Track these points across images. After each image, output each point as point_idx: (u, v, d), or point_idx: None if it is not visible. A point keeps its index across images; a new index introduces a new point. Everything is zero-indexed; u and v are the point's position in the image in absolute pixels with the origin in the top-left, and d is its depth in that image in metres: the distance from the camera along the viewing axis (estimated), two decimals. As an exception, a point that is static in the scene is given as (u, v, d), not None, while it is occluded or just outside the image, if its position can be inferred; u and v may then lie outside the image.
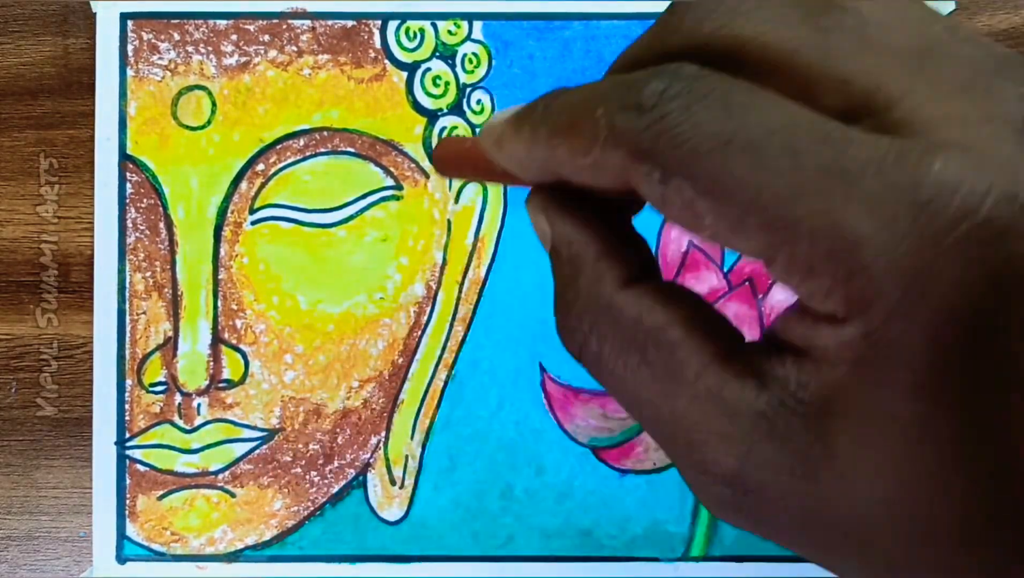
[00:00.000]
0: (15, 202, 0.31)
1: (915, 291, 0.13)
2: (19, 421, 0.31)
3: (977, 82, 0.14)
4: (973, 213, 0.13)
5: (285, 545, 0.30)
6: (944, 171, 0.13)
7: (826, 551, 0.17)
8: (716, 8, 0.16)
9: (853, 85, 0.15)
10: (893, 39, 0.15)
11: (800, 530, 0.16)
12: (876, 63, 0.14)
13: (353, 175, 0.30)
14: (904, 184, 0.13)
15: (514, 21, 0.31)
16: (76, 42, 0.31)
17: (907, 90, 0.14)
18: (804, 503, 0.16)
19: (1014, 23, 0.31)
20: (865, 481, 0.15)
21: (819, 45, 0.15)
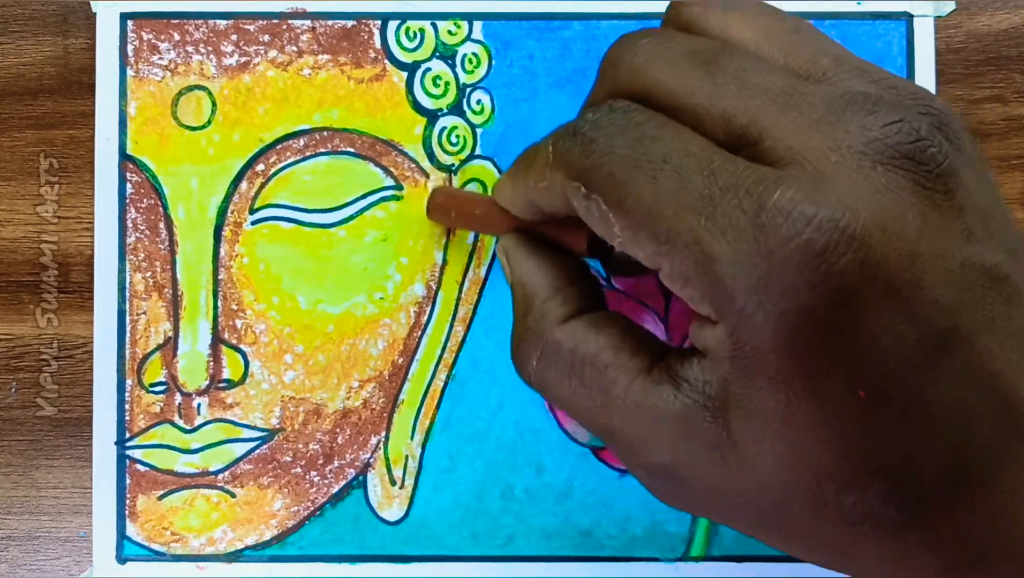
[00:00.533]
0: (15, 202, 0.31)
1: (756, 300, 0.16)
2: (19, 421, 0.31)
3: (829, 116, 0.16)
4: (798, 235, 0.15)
5: (285, 545, 0.30)
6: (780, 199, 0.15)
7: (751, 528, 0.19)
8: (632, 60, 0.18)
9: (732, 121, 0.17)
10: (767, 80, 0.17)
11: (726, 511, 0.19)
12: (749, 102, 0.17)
13: (353, 175, 0.30)
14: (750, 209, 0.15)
15: (514, 21, 0.31)
16: (76, 42, 0.31)
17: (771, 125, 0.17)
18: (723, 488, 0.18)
19: (1014, 23, 0.31)
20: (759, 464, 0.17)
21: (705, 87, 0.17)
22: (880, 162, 0.16)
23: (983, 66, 0.31)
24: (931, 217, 0.16)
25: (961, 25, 0.31)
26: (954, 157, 0.16)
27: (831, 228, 0.15)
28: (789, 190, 0.15)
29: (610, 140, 0.17)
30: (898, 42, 0.31)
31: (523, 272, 0.21)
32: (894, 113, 0.16)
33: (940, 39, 0.31)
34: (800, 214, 0.15)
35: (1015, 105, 0.31)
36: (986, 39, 0.31)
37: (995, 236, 0.17)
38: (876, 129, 0.16)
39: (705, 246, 0.16)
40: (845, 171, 0.16)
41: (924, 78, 0.31)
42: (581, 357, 0.19)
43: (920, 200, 0.16)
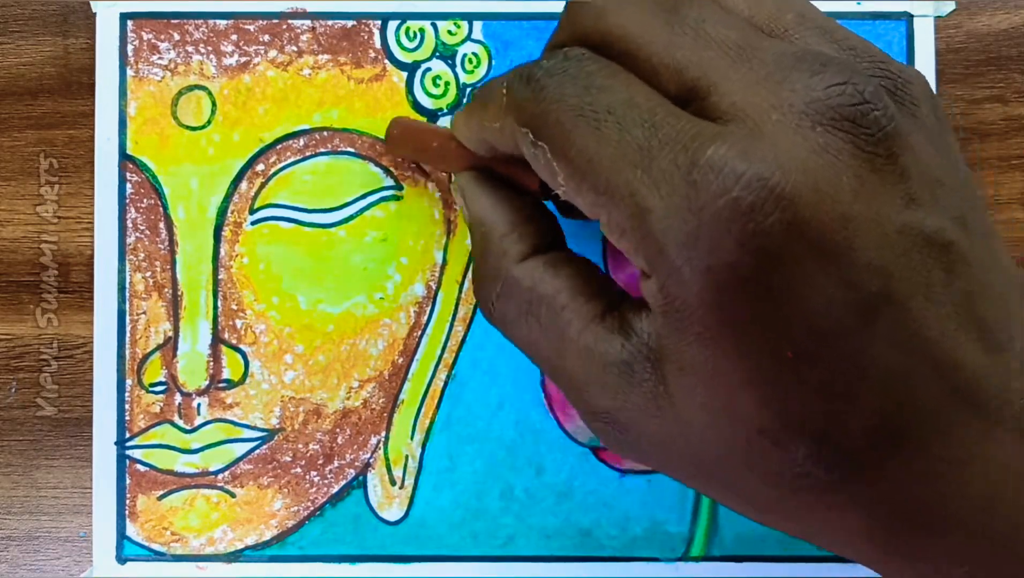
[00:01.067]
0: (15, 202, 0.31)
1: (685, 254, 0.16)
2: (19, 421, 0.31)
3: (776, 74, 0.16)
4: (727, 192, 0.15)
5: (285, 545, 0.30)
6: (713, 155, 0.15)
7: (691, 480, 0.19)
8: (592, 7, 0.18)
9: (684, 73, 0.17)
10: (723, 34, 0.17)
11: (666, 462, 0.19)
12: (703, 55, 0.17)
13: (353, 175, 0.30)
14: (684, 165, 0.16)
15: (514, 21, 0.31)
16: (76, 42, 0.31)
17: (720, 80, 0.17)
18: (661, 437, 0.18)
19: (1014, 23, 0.31)
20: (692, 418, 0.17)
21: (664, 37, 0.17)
22: (820, 123, 0.16)
23: (983, 66, 0.31)
24: (869, 181, 0.16)
25: (961, 25, 0.31)
26: (902, 121, 0.16)
27: (759, 187, 0.15)
28: (723, 147, 0.15)
29: (560, 88, 0.17)
30: (898, 42, 0.31)
31: (479, 209, 0.21)
32: (840, 75, 0.16)
33: (940, 39, 0.31)
34: (730, 171, 0.15)
35: (1015, 105, 0.31)
36: (986, 39, 0.31)
37: (942, 202, 0.16)
38: (820, 90, 0.16)
39: (640, 199, 0.16)
40: (784, 130, 0.16)
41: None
42: (539, 297, 0.19)
43: (859, 163, 0.16)
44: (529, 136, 0.18)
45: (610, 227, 0.17)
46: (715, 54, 0.17)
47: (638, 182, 0.16)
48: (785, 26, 0.18)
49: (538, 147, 0.18)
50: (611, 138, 0.17)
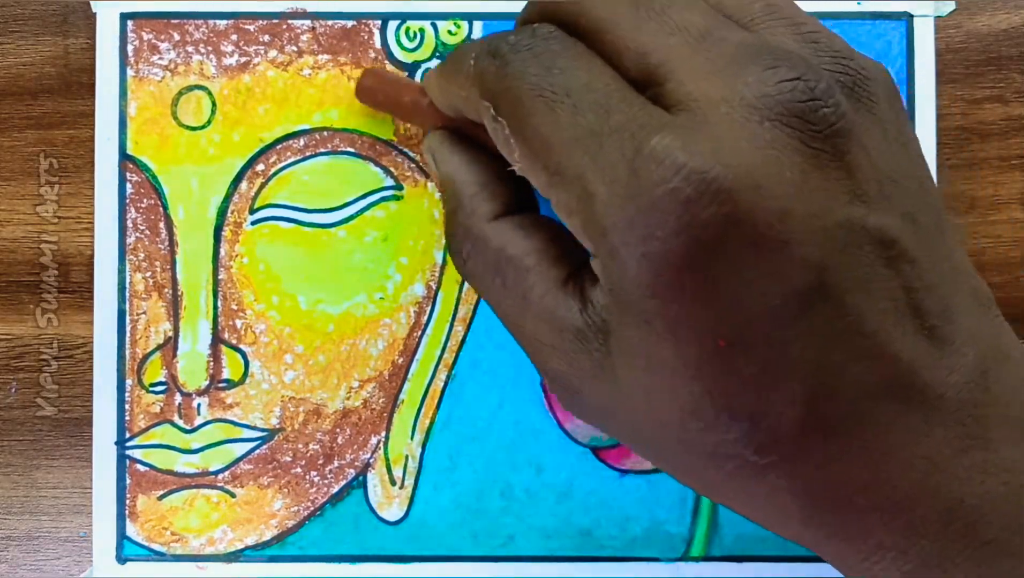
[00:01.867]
0: (15, 202, 0.31)
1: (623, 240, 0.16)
2: (19, 421, 0.31)
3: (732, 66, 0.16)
4: (666, 183, 0.15)
5: (285, 545, 0.30)
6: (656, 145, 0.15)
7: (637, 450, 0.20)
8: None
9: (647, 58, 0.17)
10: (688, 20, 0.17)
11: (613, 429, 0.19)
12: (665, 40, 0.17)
13: (353, 175, 0.30)
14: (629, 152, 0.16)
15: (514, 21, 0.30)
16: (76, 42, 0.31)
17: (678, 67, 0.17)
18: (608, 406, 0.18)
19: (1014, 23, 0.31)
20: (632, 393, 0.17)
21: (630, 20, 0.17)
22: (768, 118, 0.16)
23: (983, 66, 0.31)
24: (812, 176, 0.16)
25: (961, 25, 0.31)
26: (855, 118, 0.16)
27: (698, 179, 0.15)
28: (667, 137, 0.16)
29: (523, 66, 0.18)
30: (898, 42, 0.31)
31: (450, 168, 0.22)
32: (794, 70, 0.16)
33: (940, 39, 0.31)
34: (671, 162, 0.15)
35: (1015, 105, 0.31)
36: (986, 39, 0.31)
37: (891, 200, 0.17)
38: (771, 84, 0.16)
39: (586, 183, 0.16)
40: (731, 123, 0.16)
41: (924, 78, 0.31)
42: (506, 257, 0.20)
43: (803, 159, 0.16)
44: (490, 110, 0.18)
45: (559, 207, 0.18)
46: (677, 41, 0.17)
47: (586, 166, 0.16)
48: (752, 15, 0.18)
49: (498, 122, 0.18)
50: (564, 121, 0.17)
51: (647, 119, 0.16)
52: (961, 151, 0.31)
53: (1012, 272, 0.31)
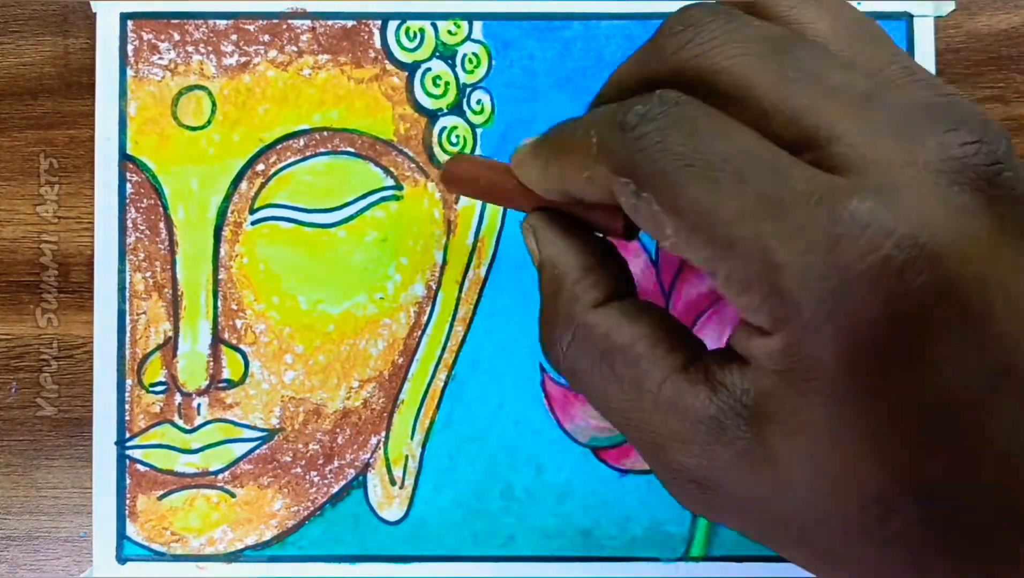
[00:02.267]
0: (15, 202, 0.31)
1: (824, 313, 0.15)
2: (19, 421, 0.31)
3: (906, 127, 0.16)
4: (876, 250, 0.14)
5: (285, 545, 0.30)
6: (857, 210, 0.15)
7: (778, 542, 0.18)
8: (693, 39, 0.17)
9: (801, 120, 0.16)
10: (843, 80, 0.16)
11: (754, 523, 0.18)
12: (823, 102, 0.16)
13: (353, 175, 0.30)
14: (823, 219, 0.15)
15: (514, 21, 0.31)
16: (76, 42, 0.31)
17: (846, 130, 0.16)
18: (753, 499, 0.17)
19: (1014, 23, 0.31)
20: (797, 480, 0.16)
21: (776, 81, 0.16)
22: (956, 181, 0.15)
23: (983, 66, 0.31)
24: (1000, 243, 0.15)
25: (961, 25, 0.31)
26: None
27: (910, 245, 0.14)
28: (866, 201, 0.15)
29: (663, 135, 0.16)
30: (898, 42, 0.31)
31: (552, 252, 0.20)
32: (974, 132, 0.16)
33: (940, 39, 0.31)
34: (880, 228, 0.14)
35: (1015, 105, 0.31)
36: (986, 39, 0.31)
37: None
38: (955, 147, 0.15)
39: (770, 254, 0.15)
40: (921, 187, 0.15)
41: (924, 78, 0.31)
42: (613, 346, 0.18)
43: (992, 224, 0.15)
44: (631, 186, 0.17)
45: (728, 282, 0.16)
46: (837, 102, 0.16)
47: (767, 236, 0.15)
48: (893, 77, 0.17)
49: (641, 198, 0.17)
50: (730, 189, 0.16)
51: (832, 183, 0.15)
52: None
53: (1012, 272, 0.31)
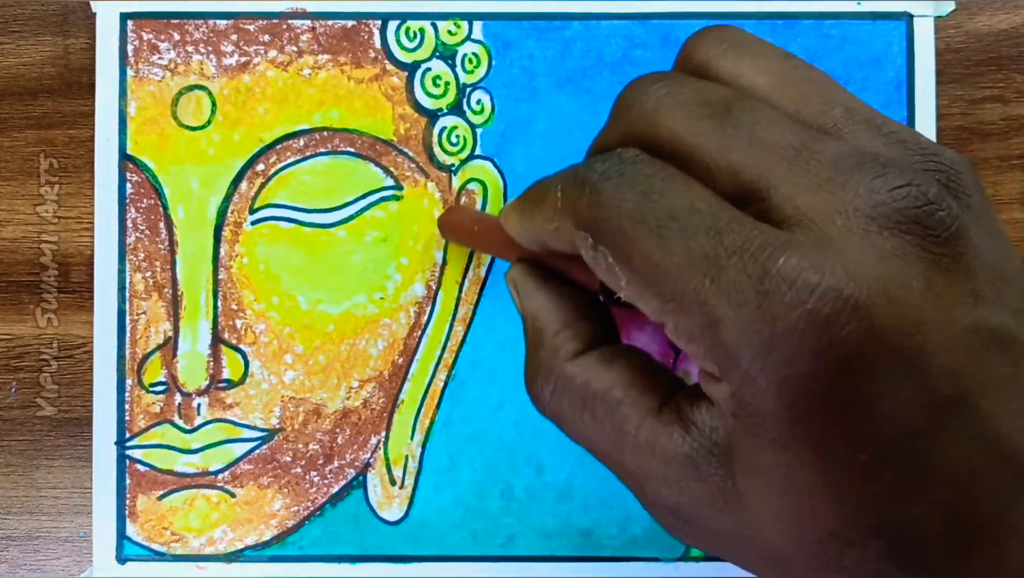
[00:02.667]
0: (15, 202, 0.31)
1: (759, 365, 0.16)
2: (19, 421, 0.31)
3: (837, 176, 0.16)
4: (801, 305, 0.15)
5: (285, 545, 0.30)
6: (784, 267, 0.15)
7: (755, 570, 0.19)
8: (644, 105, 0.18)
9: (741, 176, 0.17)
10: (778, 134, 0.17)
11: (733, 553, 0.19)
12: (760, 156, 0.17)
13: (353, 175, 0.30)
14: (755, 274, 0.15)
15: (514, 21, 0.31)
16: (76, 42, 0.31)
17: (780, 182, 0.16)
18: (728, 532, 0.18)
19: (1014, 23, 0.31)
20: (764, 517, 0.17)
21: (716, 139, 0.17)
22: (887, 227, 0.16)
23: (983, 66, 0.31)
24: (937, 282, 0.16)
25: (961, 25, 0.31)
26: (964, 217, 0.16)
27: (835, 297, 0.15)
28: (794, 257, 0.15)
29: (618, 192, 0.17)
30: (898, 42, 0.31)
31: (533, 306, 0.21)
32: (903, 176, 0.16)
33: (940, 39, 0.31)
34: (804, 283, 0.15)
35: (1015, 105, 0.31)
36: (986, 39, 0.31)
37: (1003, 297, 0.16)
38: (884, 193, 0.16)
39: (709, 309, 0.16)
40: (851, 236, 0.16)
41: (924, 78, 0.31)
42: (593, 393, 0.19)
43: (927, 265, 0.16)
44: (589, 240, 0.18)
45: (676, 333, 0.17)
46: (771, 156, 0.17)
47: (707, 291, 0.16)
48: (834, 121, 0.18)
49: (599, 251, 0.18)
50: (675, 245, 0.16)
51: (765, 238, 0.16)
52: (961, 151, 0.31)
53: (1012, 272, 0.31)
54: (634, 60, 0.31)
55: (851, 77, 0.31)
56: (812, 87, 0.18)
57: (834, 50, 0.31)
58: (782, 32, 0.31)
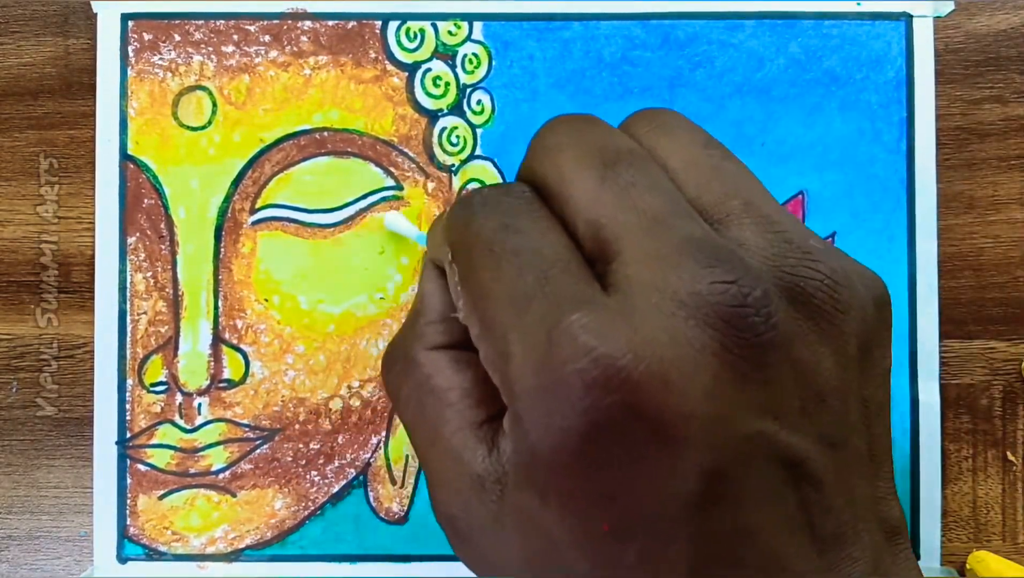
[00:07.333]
0: (15, 202, 0.31)
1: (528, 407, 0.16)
2: (20, 421, 0.31)
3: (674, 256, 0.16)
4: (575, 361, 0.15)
5: (285, 545, 0.30)
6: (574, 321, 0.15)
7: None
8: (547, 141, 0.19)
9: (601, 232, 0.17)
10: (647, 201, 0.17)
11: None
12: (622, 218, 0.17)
13: (353, 175, 0.30)
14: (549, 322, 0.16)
15: (514, 21, 0.31)
16: (77, 42, 0.31)
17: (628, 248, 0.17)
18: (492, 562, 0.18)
19: (1013, 23, 0.31)
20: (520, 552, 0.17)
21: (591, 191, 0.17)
22: (694, 316, 0.16)
23: (982, 66, 0.31)
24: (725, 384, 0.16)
25: (960, 25, 0.31)
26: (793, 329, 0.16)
27: (607, 365, 0.15)
28: (587, 317, 0.15)
29: (485, 220, 0.18)
30: (897, 42, 0.31)
31: (424, 290, 0.22)
32: (730, 273, 0.16)
33: (939, 39, 0.31)
34: (583, 342, 0.15)
35: (1015, 105, 0.31)
36: (985, 39, 0.31)
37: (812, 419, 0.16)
38: (704, 283, 0.16)
39: (508, 343, 0.16)
40: (657, 314, 0.16)
41: (923, 78, 0.31)
42: (432, 387, 0.20)
43: (720, 364, 0.16)
44: (448, 255, 0.19)
45: (484, 359, 0.18)
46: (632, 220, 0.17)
47: (510, 326, 0.16)
48: (728, 212, 0.18)
49: (452, 267, 0.19)
50: (506, 279, 0.17)
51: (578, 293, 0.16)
52: (960, 151, 0.31)
53: (1012, 272, 0.31)
54: (634, 60, 0.31)
55: (851, 77, 0.31)
56: (719, 176, 0.18)
57: (834, 50, 0.31)
58: (782, 32, 0.31)
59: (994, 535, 0.31)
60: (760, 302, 0.16)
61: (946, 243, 0.31)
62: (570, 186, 0.18)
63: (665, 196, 0.17)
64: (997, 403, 0.31)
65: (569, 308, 0.16)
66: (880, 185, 0.31)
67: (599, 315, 0.16)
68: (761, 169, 0.31)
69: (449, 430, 0.19)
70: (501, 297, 0.17)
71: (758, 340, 0.16)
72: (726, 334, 0.16)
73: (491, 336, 0.17)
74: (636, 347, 0.15)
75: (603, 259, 0.17)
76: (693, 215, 0.17)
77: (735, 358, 0.16)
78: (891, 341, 0.19)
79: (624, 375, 0.15)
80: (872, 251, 0.30)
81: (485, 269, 0.17)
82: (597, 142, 0.18)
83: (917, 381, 0.30)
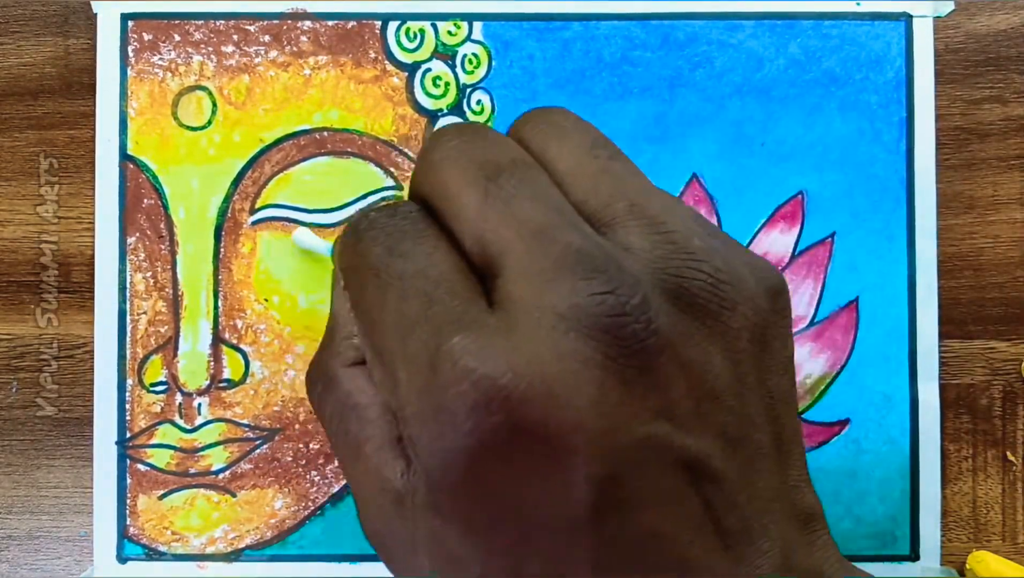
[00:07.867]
0: (15, 202, 0.31)
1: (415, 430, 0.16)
2: (19, 421, 0.31)
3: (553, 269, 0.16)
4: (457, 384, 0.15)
5: (286, 544, 0.30)
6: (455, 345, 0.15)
7: None
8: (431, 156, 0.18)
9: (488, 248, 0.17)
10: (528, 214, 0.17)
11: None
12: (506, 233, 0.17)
13: (353, 175, 0.30)
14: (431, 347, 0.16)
15: (514, 22, 0.31)
16: (77, 42, 0.31)
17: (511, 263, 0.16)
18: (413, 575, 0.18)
19: (1013, 23, 0.31)
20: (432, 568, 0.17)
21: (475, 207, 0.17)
22: (574, 329, 0.15)
23: (982, 66, 0.31)
24: (611, 392, 0.15)
25: (960, 25, 0.31)
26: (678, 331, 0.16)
27: (488, 386, 0.15)
28: (467, 338, 0.15)
29: (371, 244, 0.18)
30: (897, 42, 0.31)
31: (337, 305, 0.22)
32: (607, 283, 0.16)
33: (939, 39, 0.31)
34: (463, 365, 0.15)
35: (1015, 105, 0.31)
36: (985, 39, 0.31)
37: (707, 418, 0.16)
38: (582, 296, 0.16)
39: (394, 369, 0.16)
40: (537, 331, 0.16)
41: (923, 78, 0.31)
42: (353, 403, 0.20)
43: (604, 374, 0.15)
44: (340, 282, 0.19)
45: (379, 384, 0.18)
46: (516, 233, 0.17)
47: (396, 352, 0.16)
48: (613, 215, 0.18)
49: (343, 293, 0.19)
50: (391, 304, 0.17)
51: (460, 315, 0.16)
52: (960, 151, 0.31)
53: (1011, 272, 0.31)
54: (633, 61, 0.31)
55: (850, 77, 0.31)
56: (606, 179, 0.18)
57: (834, 50, 0.31)
58: (782, 32, 0.31)
59: (994, 535, 0.31)
60: (639, 309, 0.16)
61: (946, 243, 0.31)
62: (456, 202, 0.17)
63: (548, 206, 0.17)
64: (997, 403, 0.31)
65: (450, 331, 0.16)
66: (880, 185, 0.31)
67: (480, 336, 0.15)
68: (761, 169, 0.31)
69: (371, 447, 0.19)
70: (387, 324, 0.17)
71: (641, 346, 0.16)
72: (608, 344, 0.15)
73: (380, 362, 0.17)
74: (516, 365, 0.15)
75: (490, 275, 0.17)
76: (577, 223, 0.17)
77: (620, 366, 0.16)
78: (790, 329, 0.19)
79: (505, 394, 0.15)
80: (872, 251, 0.31)
81: (372, 295, 0.17)
82: (481, 155, 0.18)
83: (917, 381, 0.30)
